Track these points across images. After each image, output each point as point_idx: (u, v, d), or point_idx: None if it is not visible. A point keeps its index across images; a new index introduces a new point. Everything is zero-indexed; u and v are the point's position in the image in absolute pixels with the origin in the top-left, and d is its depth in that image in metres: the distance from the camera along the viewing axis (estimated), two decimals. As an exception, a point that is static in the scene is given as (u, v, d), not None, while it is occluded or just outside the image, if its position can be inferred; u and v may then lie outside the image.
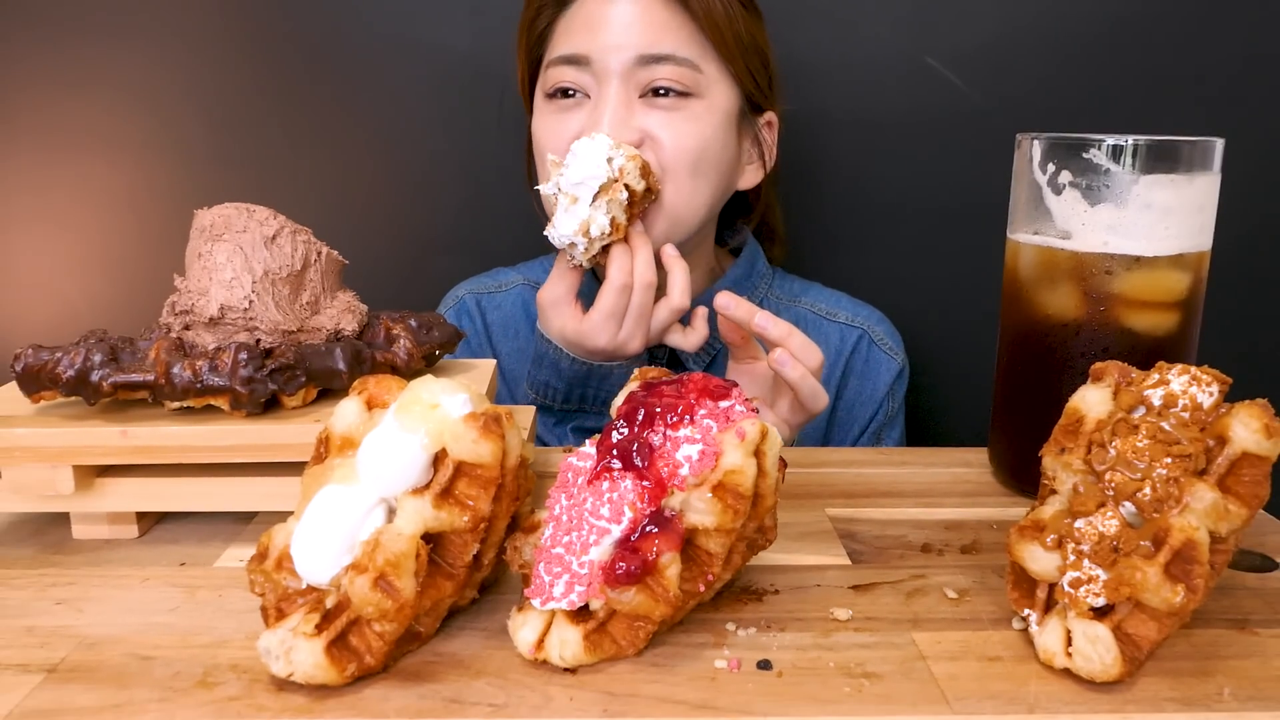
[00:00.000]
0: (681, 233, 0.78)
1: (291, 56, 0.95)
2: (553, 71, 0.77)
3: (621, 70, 0.74)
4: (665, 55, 0.74)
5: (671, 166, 0.75)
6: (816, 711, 0.35)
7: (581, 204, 0.69)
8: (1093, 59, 0.93)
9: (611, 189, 0.69)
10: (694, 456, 0.38)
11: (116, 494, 0.48)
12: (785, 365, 0.65)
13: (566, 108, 0.77)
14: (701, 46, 0.75)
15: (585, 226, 0.69)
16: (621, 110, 0.74)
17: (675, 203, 0.76)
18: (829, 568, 0.46)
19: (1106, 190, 0.50)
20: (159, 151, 0.97)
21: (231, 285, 0.48)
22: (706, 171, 0.77)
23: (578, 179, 0.69)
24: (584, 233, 0.69)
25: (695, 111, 0.75)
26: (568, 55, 0.75)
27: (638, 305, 0.72)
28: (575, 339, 0.73)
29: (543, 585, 0.37)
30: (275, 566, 0.37)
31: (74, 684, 0.36)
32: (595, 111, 0.75)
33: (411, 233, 1.00)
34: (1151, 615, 0.36)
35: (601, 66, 0.74)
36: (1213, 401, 0.38)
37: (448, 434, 0.37)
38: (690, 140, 0.75)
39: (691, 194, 0.77)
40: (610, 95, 0.74)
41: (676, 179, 0.75)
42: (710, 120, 0.76)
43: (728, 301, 0.68)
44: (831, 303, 0.88)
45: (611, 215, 0.70)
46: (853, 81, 0.95)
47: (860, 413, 0.86)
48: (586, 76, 0.75)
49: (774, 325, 0.67)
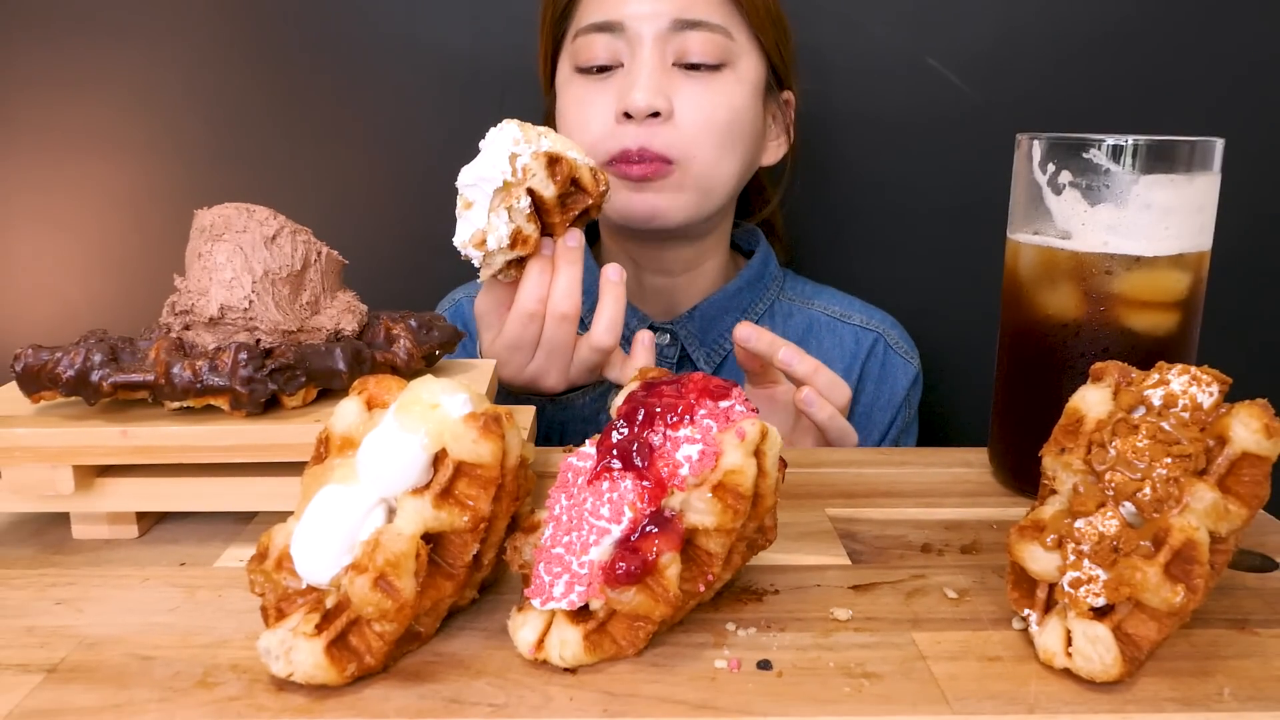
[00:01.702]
0: (711, 205, 0.78)
1: (292, 57, 0.95)
2: (582, 41, 0.76)
3: (655, 36, 0.73)
4: (698, 21, 0.73)
5: (703, 137, 0.74)
6: (816, 711, 0.35)
7: (477, 209, 0.57)
8: (1093, 59, 0.93)
9: (511, 193, 0.57)
10: (694, 456, 0.38)
11: (116, 494, 0.48)
12: (813, 406, 0.63)
13: (599, 79, 0.76)
14: (731, 14, 0.75)
15: (481, 237, 0.57)
16: (657, 76, 0.73)
17: (706, 173, 0.76)
18: (829, 568, 0.46)
19: (1106, 190, 0.50)
20: (159, 151, 0.97)
21: (231, 285, 0.48)
22: (735, 143, 0.77)
23: (470, 179, 0.57)
24: (478, 244, 0.58)
25: (727, 82, 0.75)
26: (599, 23, 0.74)
27: (551, 339, 0.62)
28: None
29: (543, 585, 0.37)
30: (275, 566, 0.37)
31: (74, 684, 0.36)
32: (628, 77, 0.74)
33: (411, 233, 1.00)
34: (1151, 615, 0.36)
35: (635, 32, 0.73)
36: (1213, 401, 0.38)
37: (448, 434, 0.37)
38: (722, 111, 0.75)
39: (719, 164, 0.76)
40: (644, 60, 0.73)
41: (706, 150, 0.75)
42: (740, 91, 0.76)
43: (749, 333, 0.64)
44: (844, 305, 0.88)
45: (515, 225, 0.58)
46: (853, 81, 0.95)
47: (879, 418, 0.85)
48: (620, 43, 0.74)
49: (799, 361, 0.63)
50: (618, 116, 0.74)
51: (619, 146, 0.74)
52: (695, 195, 0.76)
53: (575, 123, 0.77)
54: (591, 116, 0.75)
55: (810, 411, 0.63)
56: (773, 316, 0.86)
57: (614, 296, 0.63)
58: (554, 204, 0.58)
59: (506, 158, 0.56)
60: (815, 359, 0.64)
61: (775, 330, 0.85)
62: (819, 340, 0.86)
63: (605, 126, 0.75)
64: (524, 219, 0.58)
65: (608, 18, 0.74)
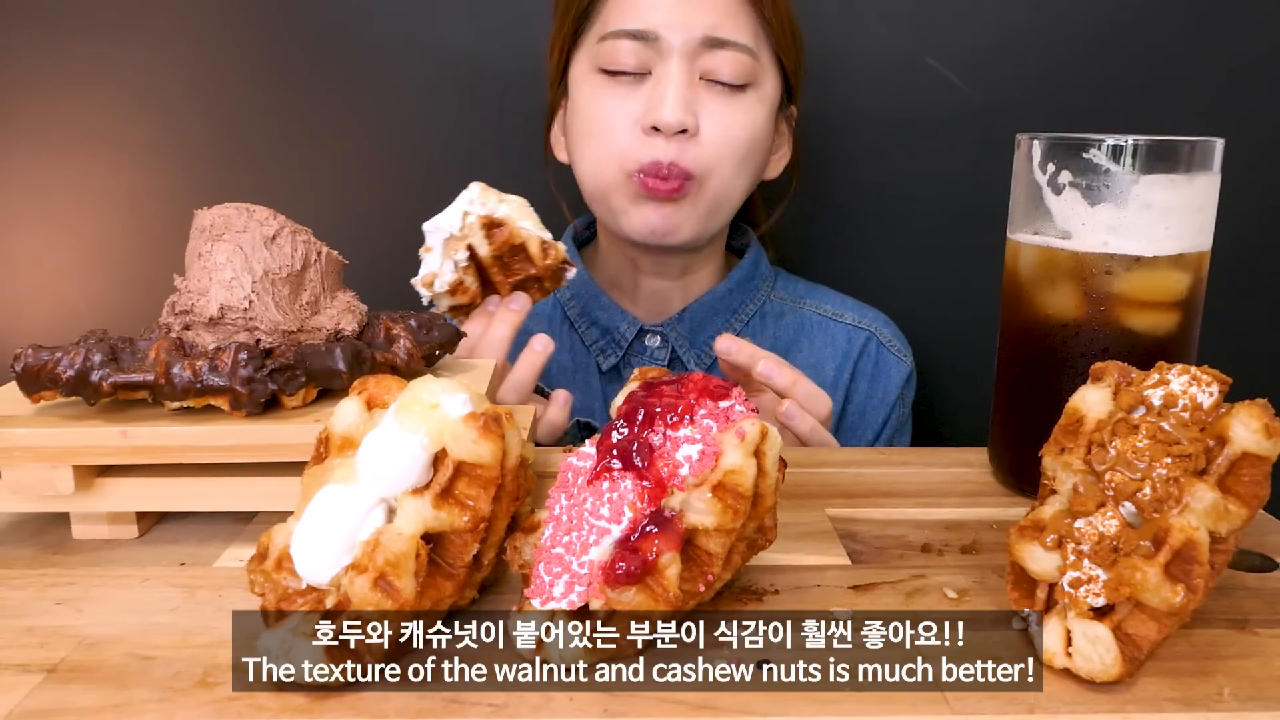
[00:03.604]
0: (717, 223, 0.79)
1: (291, 56, 0.95)
2: (609, 45, 0.75)
3: (685, 50, 0.73)
4: (728, 40, 0.74)
5: (724, 155, 0.75)
6: (816, 711, 0.35)
7: (433, 254, 0.63)
8: (1093, 59, 0.93)
9: (455, 245, 0.63)
10: (694, 456, 0.38)
11: (116, 494, 0.48)
12: (794, 419, 0.64)
13: (627, 84, 0.75)
14: (757, 34, 0.76)
15: (431, 279, 0.63)
16: (685, 91, 0.73)
17: (721, 191, 0.76)
18: (829, 568, 0.46)
19: (1106, 190, 0.50)
20: (159, 152, 0.97)
21: (231, 285, 0.48)
22: (751, 162, 0.78)
23: (432, 225, 0.62)
24: (427, 284, 0.63)
25: (750, 101, 0.76)
26: (633, 30, 0.74)
27: None
28: None
29: (543, 585, 0.37)
30: (275, 566, 0.37)
31: (74, 684, 0.36)
32: (657, 88, 0.74)
33: (412, 233, 0.99)
34: (1151, 615, 0.36)
35: (667, 44, 0.73)
36: (1213, 401, 0.38)
37: (448, 434, 0.37)
38: (744, 131, 0.75)
39: (733, 182, 0.77)
40: (672, 74, 0.73)
41: (725, 168, 0.75)
42: (761, 111, 0.77)
43: (729, 346, 0.64)
44: (836, 304, 0.88)
45: (457, 275, 0.63)
46: (853, 81, 0.95)
47: (872, 417, 0.85)
48: (649, 52, 0.74)
49: (779, 373, 0.64)
50: (645, 128, 0.74)
51: (650, 157, 0.74)
52: (706, 212, 0.76)
53: (596, 127, 0.77)
54: (616, 123, 0.75)
55: (792, 425, 0.64)
56: (764, 317, 0.86)
57: (527, 363, 0.65)
58: (490, 262, 0.63)
59: (460, 214, 0.62)
60: (796, 371, 0.65)
61: (767, 331, 0.85)
62: (811, 340, 0.86)
63: (631, 135, 0.75)
64: (462, 271, 0.63)
65: (642, 26, 0.74)
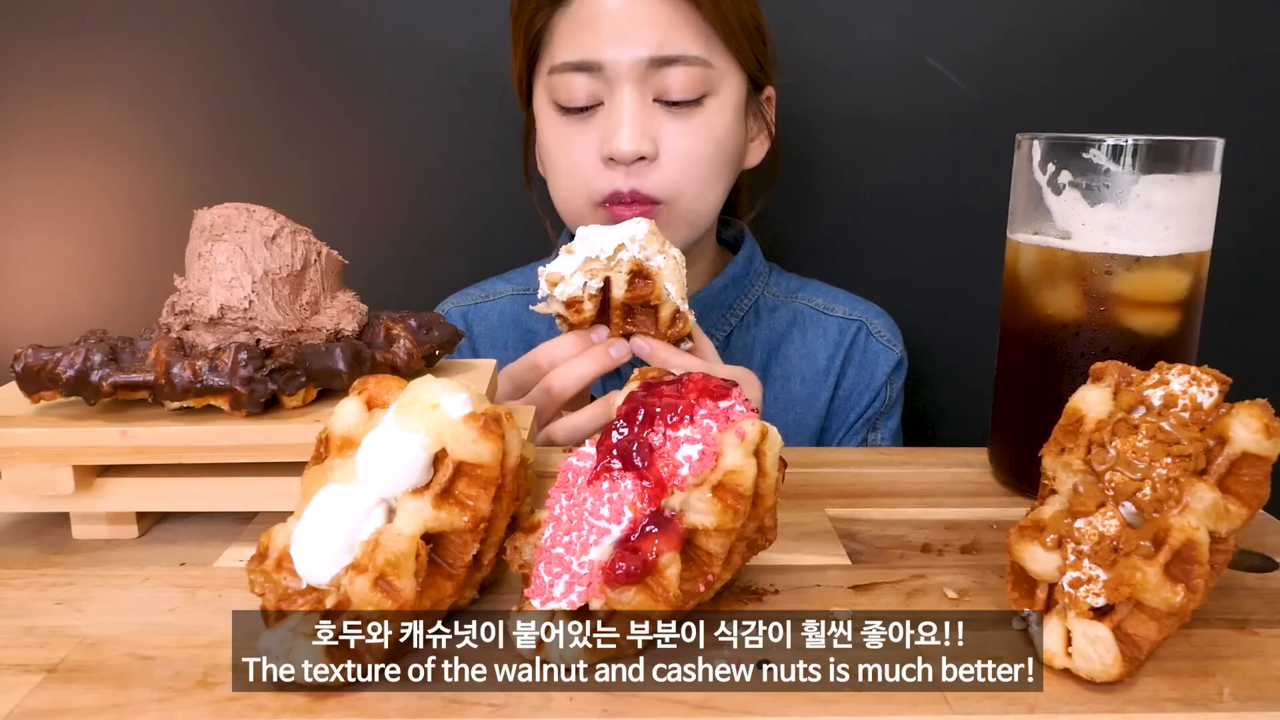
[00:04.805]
0: (697, 234, 0.78)
1: (291, 56, 0.95)
2: (559, 80, 0.75)
3: (633, 75, 0.73)
4: (676, 56, 0.73)
5: (690, 173, 0.74)
6: (816, 711, 0.35)
7: (573, 259, 0.61)
8: (1093, 59, 0.93)
9: (594, 269, 0.61)
10: (694, 456, 0.38)
11: (116, 494, 0.48)
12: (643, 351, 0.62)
13: (580, 118, 0.75)
14: (709, 39, 0.74)
15: (558, 280, 0.61)
16: (639, 117, 0.73)
17: (693, 208, 0.76)
18: (829, 568, 0.46)
19: (1106, 190, 0.50)
20: (159, 152, 0.97)
21: (231, 285, 0.48)
22: (720, 171, 0.77)
23: (588, 234, 0.61)
24: (552, 283, 0.62)
25: (709, 113, 0.75)
26: (577, 62, 0.73)
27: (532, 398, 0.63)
28: None
29: (543, 585, 0.37)
30: (275, 566, 0.37)
31: (74, 684, 0.36)
32: (610, 119, 0.74)
33: (411, 233, 1.00)
34: (1151, 615, 0.36)
35: (614, 72, 0.73)
36: (1213, 401, 0.38)
37: (448, 434, 0.37)
38: (706, 146, 0.75)
39: (705, 196, 0.77)
40: (624, 102, 0.73)
41: (692, 186, 0.75)
42: (722, 119, 0.76)
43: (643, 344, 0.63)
44: (829, 298, 0.88)
45: (582, 297, 0.62)
46: (852, 81, 0.95)
47: (857, 401, 0.86)
48: (598, 84, 0.74)
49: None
50: (603, 159, 0.74)
51: (610, 188, 0.74)
52: (683, 229, 0.76)
53: (561, 164, 0.77)
54: (578, 158, 0.75)
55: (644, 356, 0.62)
56: (757, 312, 0.87)
57: (598, 414, 0.63)
58: (618, 304, 0.62)
59: (615, 244, 0.60)
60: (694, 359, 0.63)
61: (761, 325, 0.86)
62: (803, 333, 0.87)
63: (593, 167, 0.75)
64: (589, 296, 0.62)
65: (585, 57, 0.73)
